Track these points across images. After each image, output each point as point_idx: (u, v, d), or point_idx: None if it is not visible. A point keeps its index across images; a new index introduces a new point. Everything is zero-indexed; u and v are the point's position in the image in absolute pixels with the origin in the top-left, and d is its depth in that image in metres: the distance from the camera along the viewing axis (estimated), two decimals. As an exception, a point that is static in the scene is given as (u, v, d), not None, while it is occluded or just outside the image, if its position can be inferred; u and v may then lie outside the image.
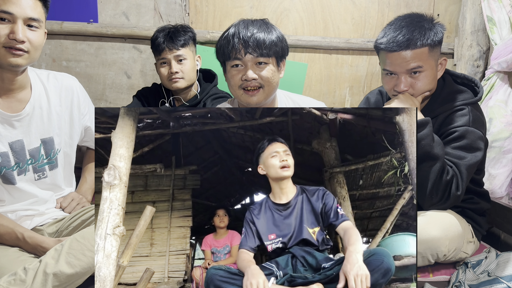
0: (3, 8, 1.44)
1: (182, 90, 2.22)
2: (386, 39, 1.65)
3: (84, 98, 1.82)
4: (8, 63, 1.49)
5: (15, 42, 1.46)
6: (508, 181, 2.20)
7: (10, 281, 1.36)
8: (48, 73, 1.74)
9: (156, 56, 2.20)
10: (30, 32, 1.50)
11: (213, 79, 2.34)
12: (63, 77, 1.77)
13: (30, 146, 1.63)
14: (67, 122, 1.75)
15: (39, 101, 1.65)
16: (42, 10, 1.54)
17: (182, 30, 2.17)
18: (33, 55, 1.53)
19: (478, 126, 1.66)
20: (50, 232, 1.69)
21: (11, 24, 1.46)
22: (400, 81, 1.66)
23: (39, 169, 1.67)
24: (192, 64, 2.20)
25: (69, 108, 1.75)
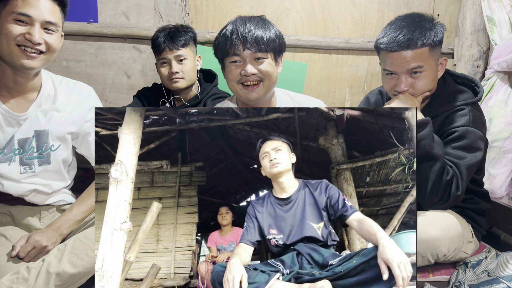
0: (21, 10, 1.45)
1: (183, 90, 2.22)
2: (386, 39, 1.65)
3: (94, 107, 1.77)
4: (21, 65, 1.48)
5: (30, 43, 1.46)
6: (508, 181, 2.20)
7: (13, 279, 1.36)
8: (62, 79, 1.73)
9: (156, 56, 2.20)
10: (46, 35, 1.50)
11: (213, 79, 2.34)
12: (76, 85, 1.74)
13: (20, 136, 1.59)
14: (73, 124, 1.70)
15: (46, 102, 1.64)
16: (60, 15, 1.55)
17: (183, 30, 2.17)
18: (48, 57, 1.53)
19: (478, 126, 1.66)
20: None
21: (28, 26, 1.47)
22: (400, 81, 1.66)
23: (27, 161, 1.62)
24: (192, 64, 2.20)
25: (76, 112, 1.71)
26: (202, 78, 2.34)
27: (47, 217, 1.73)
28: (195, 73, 2.25)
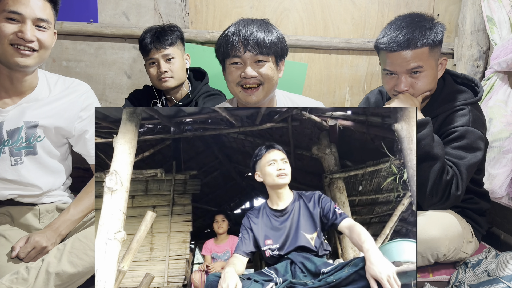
0: (12, 8, 1.45)
1: (173, 89, 2.22)
2: (386, 39, 1.65)
3: (91, 105, 1.76)
4: (15, 63, 1.49)
5: (23, 41, 1.46)
6: (508, 181, 2.20)
7: (13, 279, 1.36)
8: (58, 77, 1.73)
9: (144, 56, 2.19)
10: (38, 32, 1.50)
11: (203, 77, 2.33)
12: (72, 83, 1.74)
13: (9, 127, 1.58)
14: (63, 119, 1.68)
15: (38, 97, 1.63)
16: (52, 12, 1.55)
17: (169, 30, 2.17)
18: (41, 55, 1.53)
19: (478, 126, 1.66)
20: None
21: (20, 24, 1.47)
22: (400, 81, 1.66)
23: (16, 152, 1.61)
24: (181, 63, 2.19)
25: (68, 109, 1.70)
26: (192, 76, 2.33)
27: (47, 217, 1.73)
28: (184, 72, 2.24)
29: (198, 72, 2.37)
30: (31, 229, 1.68)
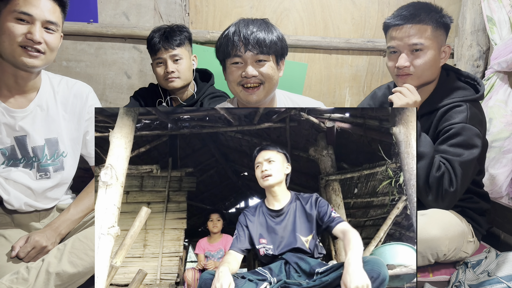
0: (23, 9, 1.46)
1: (179, 89, 2.22)
2: (393, 15, 1.73)
3: (92, 106, 1.78)
4: (23, 64, 1.50)
5: (31, 42, 1.48)
6: (508, 181, 2.20)
7: (13, 279, 1.36)
8: (61, 78, 1.74)
9: (152, 56, 2.20)
10: (47, 34, 1.52)
11: (209, 79, 2.34)
12: (75, 84, 1.75)
13: (33, 144, 1.63)
14: (75, 130, 1.73)
15: (46, 102, 1.65)
16: (60, 15, 1.57)
17: (178, 30, 2.17)
18: (48, 57, 1.55)
19: (476, 123, 1.66)
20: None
21: (29, 25, 1.48)
22: (401, 57, 1.70)
23: (42, 169, 1.66)
24: (188, 64, 2.20)
25: (76, 115, 1.73)
26: (198, 77, 2.34)
27: (47, 217, 1.73)
28: (191, 73, 2.24)
29: (204, 73, 2.37)
30: (31, 229, 1.68)
